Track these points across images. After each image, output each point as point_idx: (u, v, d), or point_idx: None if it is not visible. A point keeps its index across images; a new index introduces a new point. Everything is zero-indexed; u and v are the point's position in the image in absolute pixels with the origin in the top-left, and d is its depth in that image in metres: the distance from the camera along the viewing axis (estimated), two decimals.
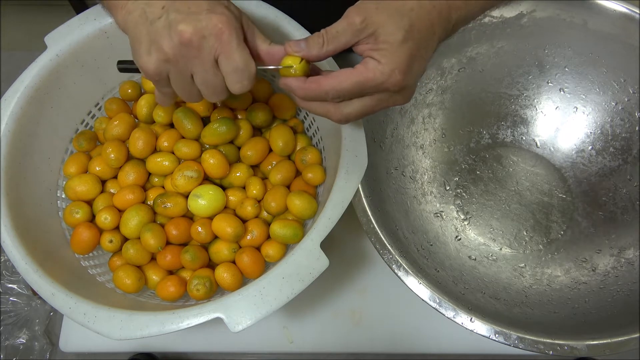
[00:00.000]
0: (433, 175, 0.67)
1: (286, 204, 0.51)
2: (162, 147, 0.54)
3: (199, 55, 0.35)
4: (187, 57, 0.35)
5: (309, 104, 0.38)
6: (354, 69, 0.35)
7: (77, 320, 0.42)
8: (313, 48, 0.36)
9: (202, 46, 0.35)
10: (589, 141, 0.66)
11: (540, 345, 0.46)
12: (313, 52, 0.36)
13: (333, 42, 0.35)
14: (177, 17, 0.34)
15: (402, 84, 0.35)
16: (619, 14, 0.58)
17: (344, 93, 0.35)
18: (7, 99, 0.49)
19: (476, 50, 0.64)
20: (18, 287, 1.23)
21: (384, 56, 0.34)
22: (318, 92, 0.36)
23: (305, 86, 0.36)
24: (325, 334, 0.61)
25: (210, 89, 0.37)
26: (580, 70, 0.64)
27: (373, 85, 0.35)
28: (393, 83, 0.34)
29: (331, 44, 0.35)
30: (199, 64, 0.35)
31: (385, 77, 0.34)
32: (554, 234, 0.65)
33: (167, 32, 0.34)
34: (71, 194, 0.53)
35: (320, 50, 0.35)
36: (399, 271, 0.49)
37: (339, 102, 0.36)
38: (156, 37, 0.35)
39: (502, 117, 0.69)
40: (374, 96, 0.36)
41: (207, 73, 0.36)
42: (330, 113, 0.37)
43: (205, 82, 0.37)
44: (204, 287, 0.48)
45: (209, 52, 0.35)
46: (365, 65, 0.34)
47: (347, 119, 0.38)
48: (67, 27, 0.51)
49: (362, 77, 0.34)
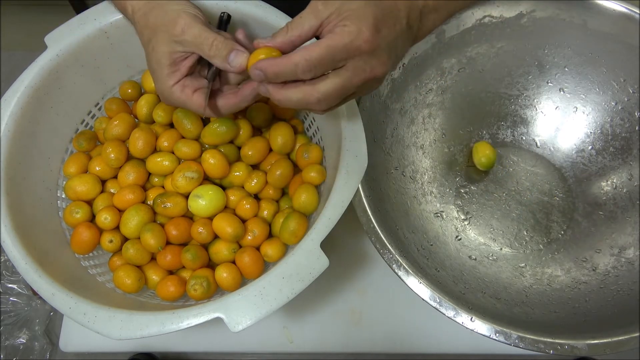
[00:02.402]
0: (433, 175, 0.67)
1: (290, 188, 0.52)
2: (162, 147, 0.54)
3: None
4: None
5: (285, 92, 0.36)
6: (321, 40, 0.34)
7: (77, 320, 0.42)
8: (278, 36, 0.36)
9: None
10: (589, 141, 0.66)
11: (541, 345, 0.46)
12: (278, 39, 0.36)
13: (296, 27, 0.35)
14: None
15: (373, 43, 0.34)
16: (619, 14, 0.58)
17: (315, 63, 0.34)
18: (7, 99, 0.49)
19: (476, 50, 0.64)
20: (18, 287, 1.23)
21: (348, 18, 0.34)
22: (288, 65, 0.35)
23: (275, 61, 0.35)
24: (325, 334, 0.61)
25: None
26: (580, 70, 0.64)
27: (342, 46, 0.34)
28: (363, 39, 0.34)
29: (294, 30, 0.35)
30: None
31: (353, 35, 0.34)
32: (554, 234, 0.65)
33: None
34: (71, 194, 0.53)
35: (284, 37, 0.36)
36: (399, 271, 0.49)
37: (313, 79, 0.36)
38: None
39: (502, 117, 0.69)
40: (348, 66, 0.35)
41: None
42: (308, 95, 0.36)
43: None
44: (202, 287, 0.48)
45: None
46: (332, 32, 0.34)
47: (327, 100, 0.36)
48: (67, 27, 0.51)
49: (331, 42, 0.34)
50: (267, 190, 0.54)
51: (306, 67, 0.34)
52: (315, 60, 0.34)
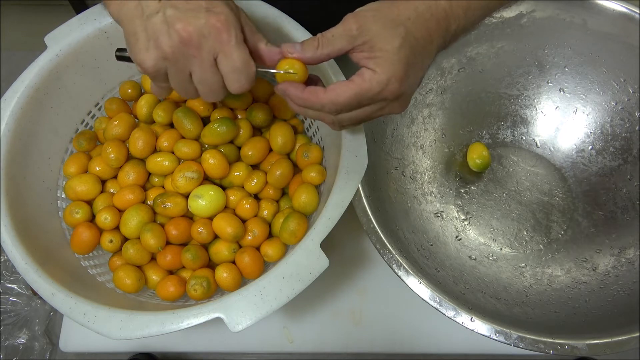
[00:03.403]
0: (433, 175, 0.67)
1: (290, 188, 0.52)
2: (162, 147, 0.54)
3: (198, 55, 0.35)
4: (186, 56, 0.35)
5: (305, 112, 0.38)
6: (350, 82, 0.34)
7: (77, 320, 0.42)
8: (307, 50, 0.36)
9: (202, 45, 0.34)
10: (589, 141, 0.66)
11: (541, 345, 0.46)
12: (307, 54, 0.36)
13: (327, 46, 0.35)
14: (175, 14, 0.34)
15: (399, 92, 0.35)
16: (619, 13, 0.58)
17: (341, 107, 0.35)
18: (7, 99, 0.49)
19: (476, 50, 0.64)
20: (18, 287, 1.23)
21: (380, 65, 0.34)
22: (315, 104, 0.36)
23: (303, 96, 0.36)
24: (325, 334, 0.61)
25: (208, 88, 0.37)
26: (580, 70, 0.64)
27: (370, 96, 0.34)
28: (390, 91, 0.34)
29: (326, 48, 0.35)
30: (198, 63, 0.35)
31: (382, 86, 0.34)
32: (554, 234, 0.65)
33: (166, 29, 0.34)
34: (71, 194, 0.53)
35: (314, 52, 0.35)
36: (399, 271, 0.49)
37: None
38: (154, 34, 0.34)
39: (502, 117, 0.69)
40: (370, 106, 0.36)
41: (206, 72, 0.36)
42: (326, 121, 0.38)
43: (203, 81, 0.36)
44: (202, 287, 0.48)
45: (208, 51, 0.35)
46: (361, 76, 0.34)
47: (342, 127, 0.38)
48: (67, 27, 0.51)
49: (359, 89, 0.34)
50: (267, 190, 0.54)
51: (332, 109, 0.35)
52: (341, 105, 0.35)
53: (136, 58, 0.36)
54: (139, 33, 0.35)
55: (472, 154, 0.67)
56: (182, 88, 0.38)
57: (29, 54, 0.54)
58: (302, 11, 0.51)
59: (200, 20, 0.34)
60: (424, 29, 0.35)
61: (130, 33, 0.36)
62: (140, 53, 0.35)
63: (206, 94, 0.38)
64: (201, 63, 0.35)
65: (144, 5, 0.35)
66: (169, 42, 0.34)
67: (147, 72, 0.36)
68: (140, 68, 0.36)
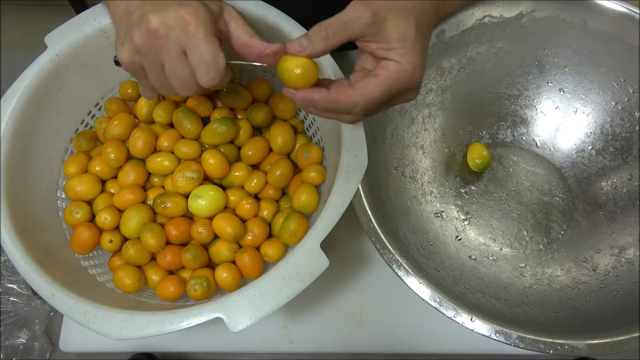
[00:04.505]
0: (433, 175, 0.67)
1: (290, 188, 0.52)
2: (162, 147, 0.54)
3: (165, 46, 0.35)
4: (155, 48, 0.35)
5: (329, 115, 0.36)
6: (378, 76, 0.34)
7: (77, 320, 0.42)
8: (317, 43, 0.34)
9: (168, 36, 0.34)
10: (589, 141, 0.66)
11: (541, 345, 0.46)
12: (318, 47, 0.34)
13: (339, 34, 0.33)
14: (149, 8, 0.35)
15: (421, 80, 0.35)
16: (619, 13, 0.58)
17: (374, 103, 0.34)
18: (7, 99, 0.49)
19: (476, 50, 0.64)
20: (18, 287, 1.23)
21: (403, 55, 0.34)
22: (346, 105, 0.34)
23: (331, 98, 0.34)
24: (325, 334, 0.61)
25: (179, 81, 0.37)
26: (580, 70, 0.64)
27: (398, 87, 0.34)
28: (416, 80, 0.35)
29: (337, 36, 0.34)
30: (166, 54, 0.35)
31: (408, 76, 0.34)
32: (554, 234, 0.65)
33: (138, 22, 0.35)
34: (71, 194, 0.53)
35: (325, 44, 0.34)
36: (399, 271, 0.49)
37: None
38: (130, 29, 0.35)
39: (502, 117, 0.69)
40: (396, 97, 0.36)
41: (175, 64, 0.35)
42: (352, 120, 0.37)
43: (173, 73, 0.36)
44: (202, 287, 0.48)
45: (175, 42, 0.34)
46: (386, 69, 0.34)
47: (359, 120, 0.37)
48: (67, 27, 0.51)
49: (389, 82, 0.34)
50: (267, 190, 0.54)
51: (365, 106, 0.34)
52: (374, 101, 0.34)
53: (116, 54, 0.37)
54: (121, 30, 0.36)
55: (472, 154, 0.67)
56: (159, 82, 0.38)
57: (29, 54, 0.54)
58: (302, 11, 0.51)
59: (169, 13, 0.34)
60: (426, 16, 0.36)
61: (116, 32, 0.37)
62: (119, 49, 0.36)
63: (178, 86, 0.37)
64: (169, 54, 0.35)
65: (130, 5, 0.36)
66: (139, 34, 0.34)
67: (125, 66, 0.37)
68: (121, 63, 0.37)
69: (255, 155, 0.54)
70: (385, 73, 0.34)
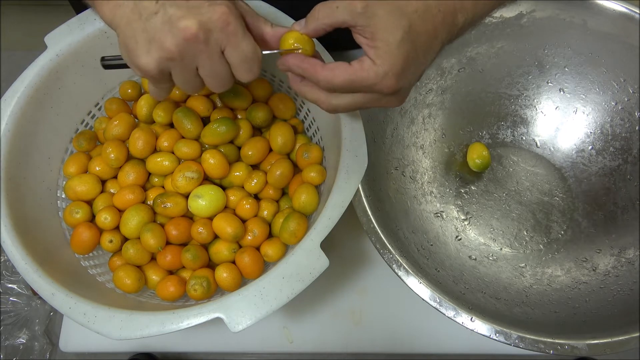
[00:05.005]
0: (433, 175, 0.67)
1: (290, 188, 0.52)
2: (162, 147, 0.54)
3: (205, 50, 0.34)
4: (193, 53, 0.34)
5: (301, 87, 0.38)
6: (349, 66, 0.34)
7: (77, 320, 0.42)
8: (310, 22, 0.36)
9: (209, 40, 0.34)
10: (589, 141, 0.66)
11: (541, 345, 0.46)
12: (310, 26, 0.36)
13: (329, 16, 0.35)
14: (176, 12, 0.33)
15: (395, 88, 0.34)
16: (619, 13, 0.58)
17: (335, 87, 0.35)
18: (7, 99, 0.49)
19: (476, 50, 0.64)
20: (18, 287, 1.23)
21: (379, 57, 0.33)
22: (311, 76, 0.36)
23: (302, 65, 0.36)
24: (325, 334, 0.61)
25: (218, 80, 0.37)
26: (580, 70, 0.64)
27: (365, 85, 0.34)
28: (386, 85, 0.34)
29: (327, 18, 0.35)
30: (207, 57, 0.35)
31: (378, 79, 0.34)
32: (554, 234, 0.65)
33: (168, 28, 0.33)
34: (71, 194, 0.53)
35: (317, 23, 0.35)
36: (399, 271, 0.49)
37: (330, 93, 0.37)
38: (156, 35, 0.33)
39: (502, 117, 0.69)
40: (365, 94, 0.36)
41: (215, 65, 0.35)
42: (320, 101, 0.37)
43: (212, 73, 0.36)
44: (202, 287, 0.48)
45: (216, 44, 0.34)
46: (361, 63, 0.34)
47: (335, 109, 0.38)
48: (67, 27, 0.51)
49: (355, 76, 0.34)
50: (267, 190, 0.54)
51: (326, 87, 0.36)
52: (336, 86, 0.35)
53: (136, 62, 0.35)
54: (139, 36, 0.34)
55: (472, 154, 0.67)
56: (188, 83, 0.38)
57: (29, 54, 0.54)
58: (302, 11, 0.51)
59: (205, 16, 0.33)
60: (429, 24, 0.34)
61: (128, 37, 0.35)
62: (142, 57, 0.34)
63: (215, 85, 0.38)
64: (210, 57, 0.35)
65: (141, 7, 0.34)
66: (173, 41, 0.33)
67: (149, 74, 0.35)
68: (140, 72, 0.35)
69: (255, 155, 0.54)
70: (357, 66, 0.34)
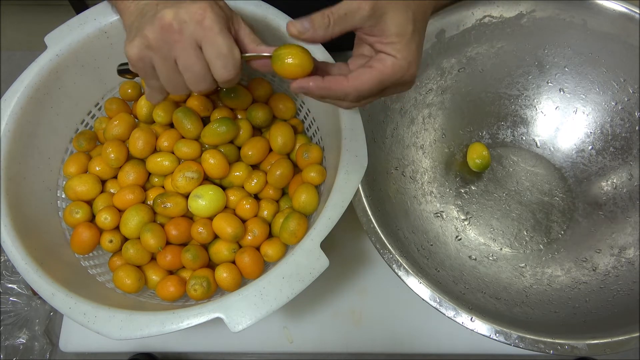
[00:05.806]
0: (433, 175, 0.67)
1: (290, 188, 0.52)
2: (162, 147, 0.54)
3: (180, 40, 0.35)
4: (168, 42, 0.35)
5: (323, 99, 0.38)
6: (373, 68, 0.35)
7: (77, 320, 0.42)
8: (319, 29, 0.34)
9: (182, 30, 0.35)
10: (589, 141, 0.66)
11: (541, 345, 0.46)
12: (319, 33, 0.34)
13: (340, 23, 0.34)
14: (162, 7, 0.36)
15: (416, 74, 0.36)
16: (619, 13, 0.58)
17: (365, 94, 0.35)
18: (7, 99, 0.49)
19: (476, 50, 0.64)
20: (18, 287, 1.23)
21: (399, 51, 0.35)
22: (338, 93, 0.35)
23: (325, 86, 0.35)
24: (325, 334, 0.61)
25: (194, 75, 0.37)
26: (580, 70, 0.64)
27: (393, 80, 0.35)
28: (411, 75, 0.36)
29: (338, 26, 0.34)
30: (180, 47, 0.35)
31: (403, 71, 0.35)
32: (554, 234, 0.65)
33: (152, 19, 0.35)
34: (71, 194, 0.53)
35: (326, 31, 0.34)
36: (399, 271, 0.49)
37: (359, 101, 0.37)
38: (141, 26, 0.36)
39: (502, 117, 0.69)
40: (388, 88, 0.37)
41: (190, 57, 0.36)
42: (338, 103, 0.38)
43: (188, 67, 0.36)
44: (202, 287, 0.48)
45: (190, 36, 0.35)
46: (382, 62, 0.35)
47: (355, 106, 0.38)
48: (67, 27, 0.51)
49: (382, 75, 0.35)
50: (267, 190, 0.54)
51: (355, 96, 0.36)
52: (366, 92, 0.35)
53: (125, 51, 0.37)
54: (132, 29, 0.37)
55: (472, 154, 0.67)
56: (169, 79, 0.38)
57: (29, 54, 0.54)
58: (302, 11, 0.51)
59: (182, 9, 0.35)
60: (422, 10, 0.37)
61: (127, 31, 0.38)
62: (127, 45, 0.36)
63: (192, 81, 0.37)
64: (184, 48, 0.35)
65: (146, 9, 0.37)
66: (151, 29, 0.35)
67: (133, 61, 0.37)
68: (129, 61, 0.37)
69: (255, 155, 0.54)
70: (381, 66, 0.35)
